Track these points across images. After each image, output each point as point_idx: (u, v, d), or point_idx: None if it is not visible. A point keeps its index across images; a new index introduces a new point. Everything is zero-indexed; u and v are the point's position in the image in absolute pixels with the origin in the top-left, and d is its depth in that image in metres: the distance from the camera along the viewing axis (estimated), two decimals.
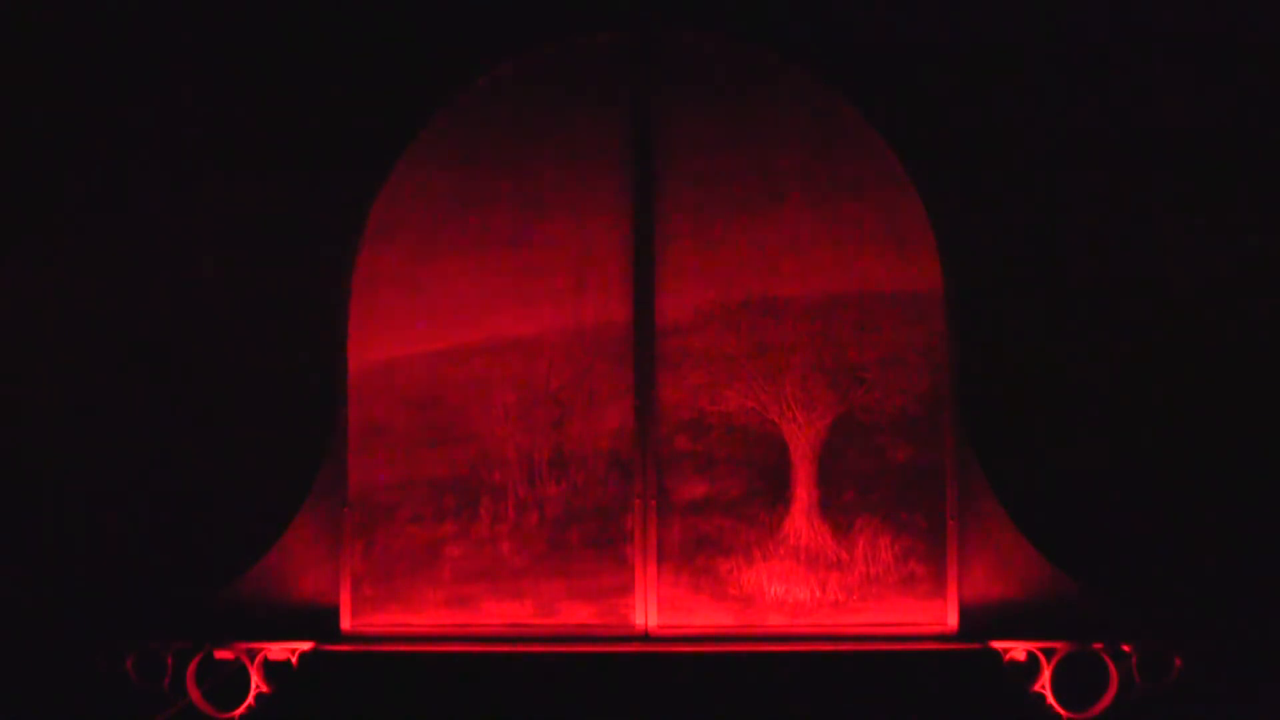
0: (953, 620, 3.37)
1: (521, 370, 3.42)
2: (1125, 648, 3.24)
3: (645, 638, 3.38)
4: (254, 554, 3.39)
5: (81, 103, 3.61)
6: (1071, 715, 3.23)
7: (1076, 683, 3.25)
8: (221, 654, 3.30)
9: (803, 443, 3.39)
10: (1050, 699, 3.24)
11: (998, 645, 3.29)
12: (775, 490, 3.39)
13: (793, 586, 3.39)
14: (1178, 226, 3.55)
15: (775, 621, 3.38)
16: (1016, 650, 3.29)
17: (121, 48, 3.61)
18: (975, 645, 3.32)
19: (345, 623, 3.40)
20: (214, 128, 3.60)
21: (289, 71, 3.58)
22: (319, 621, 3.40)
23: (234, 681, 3.30)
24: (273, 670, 3.31)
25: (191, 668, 3.29)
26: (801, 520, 3.39)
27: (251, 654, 3.30)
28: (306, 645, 3.32)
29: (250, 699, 3.27)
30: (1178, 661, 3.23)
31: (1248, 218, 3.55)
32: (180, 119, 3.61)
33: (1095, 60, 3.56)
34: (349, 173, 3.48)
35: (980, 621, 3.36)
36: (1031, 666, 3.27)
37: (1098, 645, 3.24)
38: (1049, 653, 3.25)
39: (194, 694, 3.28)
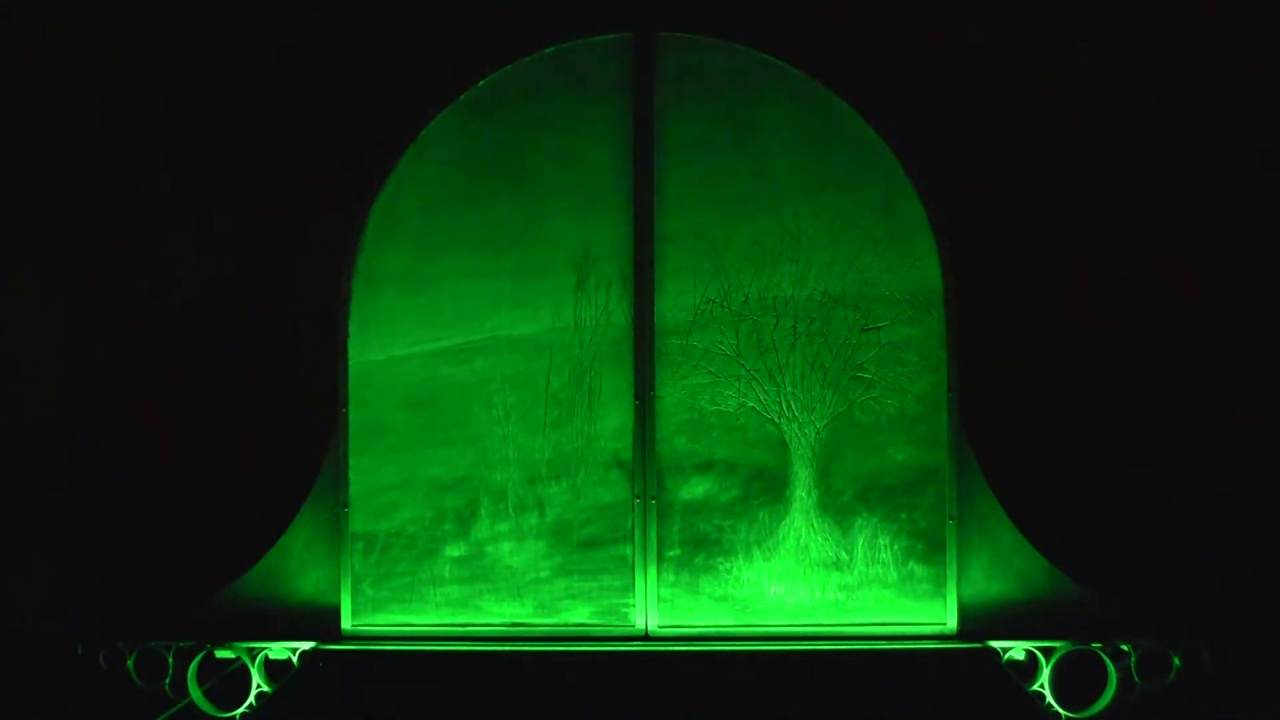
0: (952, 620, 3.37)
1: (521, 370, 3.42)
2: (1125, 648, 3.25)
3: (645, 638, 3.39)
4: (255, 554, 3.40)
5: (81, 104, 3.61)
6: (1071, 715, 3.23)
7: (1076, 683, 3.25)
8: (222, 654, 3.31)
9: (803, 443, 3.39)
10: (1050, 698, 3.24)
11: (997, 644, 3.30)
12: (775, 490, 3.39)
13: (792, 586, 3.39)
14: (1178, 226, 3.55)
15: (775, 621, 3.39)
16: (1016, 650, 3.30)
17: (121, 47, 3.61)
18: (974, 645, 3.33)
19: (345, 622, 3.41)
20: (214, 127, 3.60)
21: (290, 71, 3.58)
22: (319, 621, 3.41)
23: (235, 681, 3.32)
24: (273, 670, 3.32)
25: (193, 667, 3.30)
26: (801, 520, 3.39)
27: (252, 653, 3.31)
28: (307, 645, 3.33)
29: (251, 698, 3.28)
30: (1177, 661, 3.24)
31: (1248, 218, 3.55)
32: (180, 118, 3.61)
33: (1096, 59, 3.55)
34: (349, 173, 3.48)
35: (979, 621, 3.37)
36: (1031, 666, 3.28)
37: (1097, 645, 3.25)
38: (1048, 652, 3.26)
39: (195, 693, 3.29)
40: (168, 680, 3.29)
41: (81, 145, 3.62)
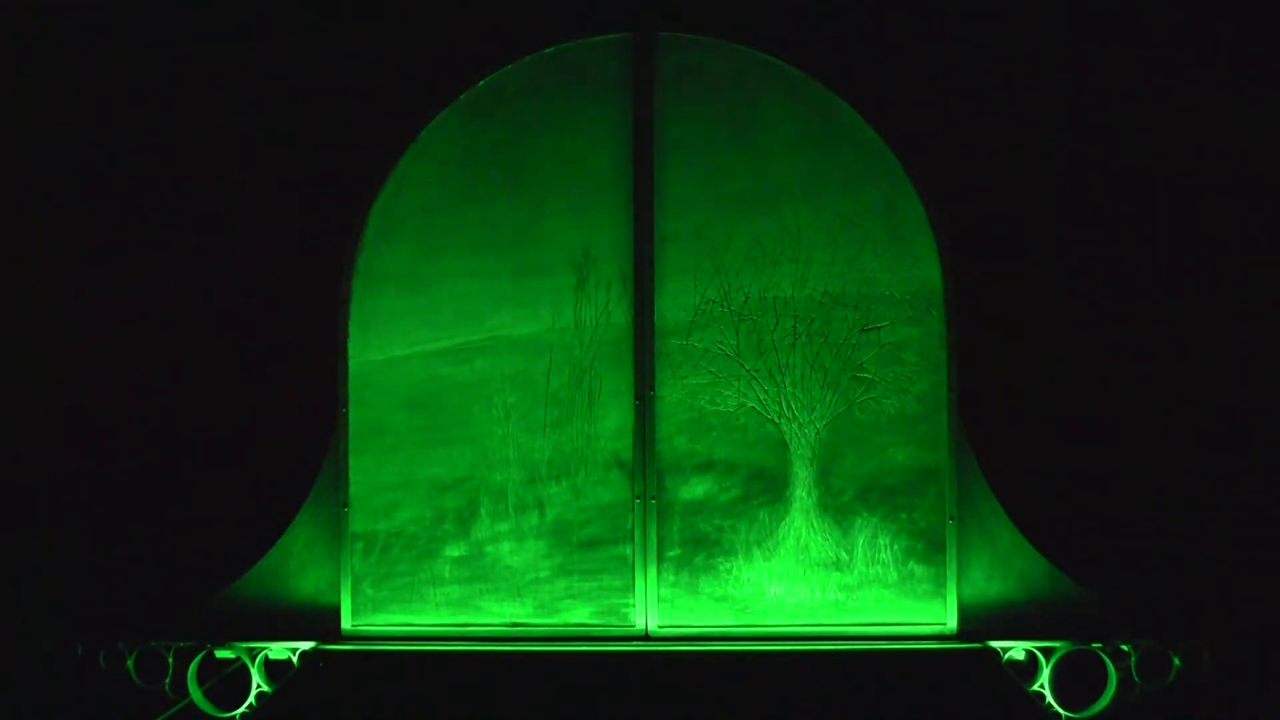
0: (952, 620, 3.37)
1: (521, 370, 3.42)
2: (1125, 648, 3.25)
3: (645, 638, 3.39)
4: (255, 554, 3.40)
5: (81, 104, 3.61)
6: (1071, 715, 3.23)
7: (1076, 682, 3.25)
8: (222, 654, 3.31)
9: (803, 443, 3.39)
10: (1050, 698, 3.24)
11: (997, 645, 3.30)
12: (775, 490, 3.39)
13: (792, 586, 3.39)
14: (1178, 226, 3.55)
15: (775, 621, 3.39)
16: (1016, 650, 3.30)
17: (121, 47, 3.61)
18: (974, 645, 3.33)
19: (345, 622, 3.41)
20: (214, 127, 3.60)
21: (289, 71, 3.58)
22: (319, 621, 3.41)
23: (235, 681, 3.32)
24: (273, 670, 3.32)
25: (193, 667, 3.30)
26: (801, 520, 3.39)
27: (252, 653, 3.31)
28: (307, 645, 3.33)
29: (251, 698, 3.28)
30: (1177, 661, 3.24)
31: (1249, 218, 3.55)
32: (180, 118, 3.61)
33: (1096, 59, 3.56)
34: (349, 173, 3.48)
35: (979, 621, 3.37)
36: (1031, 666, 3.28)
37: (1097, 645, 3.25)
38: (1048, 652, 3.26)
39: (195, 693, 3.29)
40: (168, 680, 3.29)
41: (82, 145, 3.62)
